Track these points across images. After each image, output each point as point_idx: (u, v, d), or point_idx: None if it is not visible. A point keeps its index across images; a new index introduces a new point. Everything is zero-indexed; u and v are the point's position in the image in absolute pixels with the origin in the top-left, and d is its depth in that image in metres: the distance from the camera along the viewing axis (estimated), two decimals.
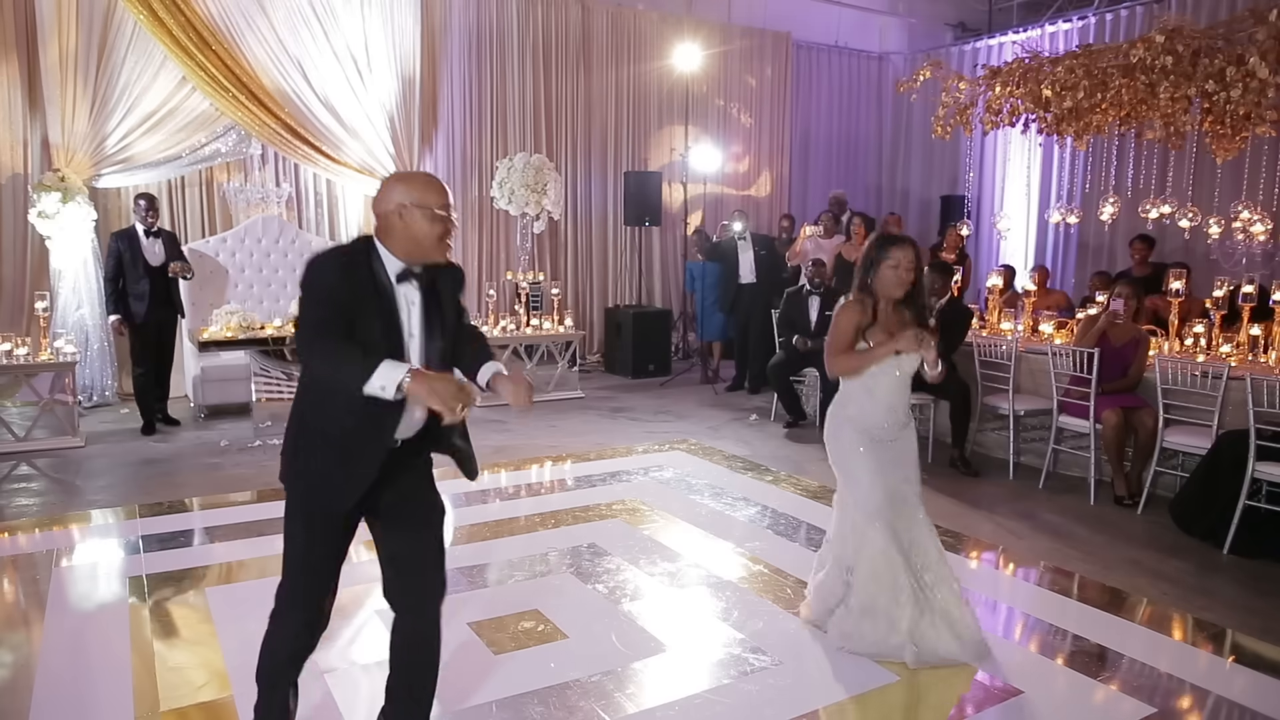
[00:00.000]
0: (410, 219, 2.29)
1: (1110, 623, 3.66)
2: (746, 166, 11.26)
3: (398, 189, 2.32)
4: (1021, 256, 10.81)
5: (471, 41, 9.26)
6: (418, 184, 2.34)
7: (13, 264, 7.44)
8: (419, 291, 2.36)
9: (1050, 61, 6.99)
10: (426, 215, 2.30)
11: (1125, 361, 5.39)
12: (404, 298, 2.33)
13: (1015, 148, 10.35)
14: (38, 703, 2.95)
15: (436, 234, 2.31)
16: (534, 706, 2.95)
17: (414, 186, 2.33)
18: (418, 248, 2.32)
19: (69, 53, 7.32)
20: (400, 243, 2.31)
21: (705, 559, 4.29)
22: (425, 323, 2.37)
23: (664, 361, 9.47)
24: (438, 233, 2.31)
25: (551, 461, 6.09)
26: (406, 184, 2.34)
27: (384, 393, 2.13)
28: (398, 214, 2.30)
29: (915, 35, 12.50)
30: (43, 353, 6.26)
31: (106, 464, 5.86)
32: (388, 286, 2.31)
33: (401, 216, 2.29)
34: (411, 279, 2.33)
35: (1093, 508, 5.22)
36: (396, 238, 2.31)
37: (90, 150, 7.49)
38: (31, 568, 4.14)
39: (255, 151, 8.29)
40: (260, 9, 7.83)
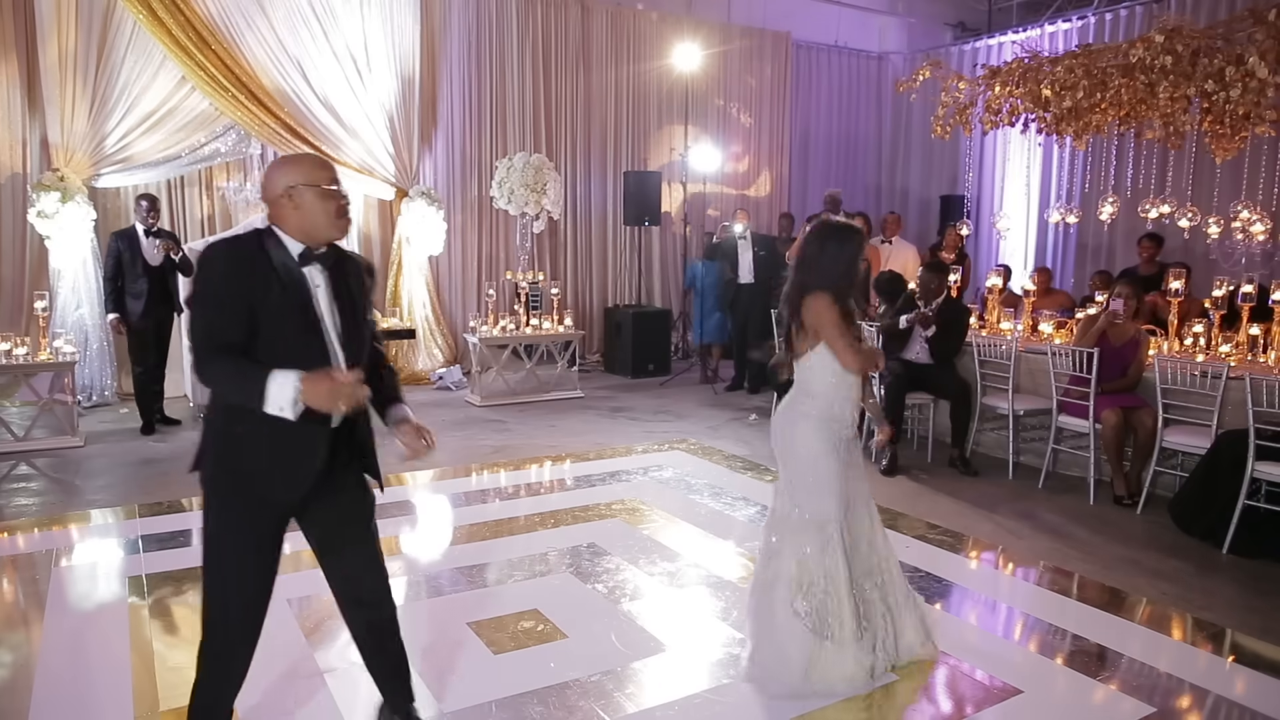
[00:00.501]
0: (301, 199, 2.24)
1: (1110, 622, 3.67)
2: (746, 166, 11.26)
3: (283, 171, 2.27)
4: (1021, 256, 10.81)
5: (471, 41, 9.26)
6: (303, 164, 2.30)
7: (12, 264, 7.44)
8: (324, 275, 2.30)
9: (1050, 61, 6.99)
10: (318, 193, 2.25)
11: (1125, 361, 5.39)
12: (310, 281, 2.27)
13: (1015, 147, 10.35)
14: (38, 702, 2.95)
15: (332, 210, 2.27)
16: (533, 706, 2.94)
17: (300, 166, 2.29)
18: (315, 228, 2.27)
19: (68, 52, 7.32)
20: (296, 225, 2.26)
21: (705, 559, 4.29)
22: (338, 307, 2.31)
23: (663, 361, 9.47)
24: (332, 209, 2.27)
25: (551, 461, 6.09)
26: (292, 165, 2.29)
27: (284, 413, 2.07)
28: (288, 196, 2.25)
29: (915, 35, 12.50)
30: (42, 352, 6.26)
31: (106, 464, 5.85)
32: (294, 269, 2.24)
33: (292, 198, 2.24)
34: (314, 261, 2.28)
35: (1092, 507, 5.22)
36: (291, 221, 2.26)
37: (89, 150, 7.48)
38: (31, 567, 4.14)
39: (255, 151, 8.30)
40: (260, 9, 7.82)
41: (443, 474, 5.74)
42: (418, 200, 8.62)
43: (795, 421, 3.11)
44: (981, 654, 3.37)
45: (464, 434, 6.81)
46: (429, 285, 9.03)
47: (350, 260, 2.42)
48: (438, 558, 4.38)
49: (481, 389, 7.95)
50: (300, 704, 2.93)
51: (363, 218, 9.01)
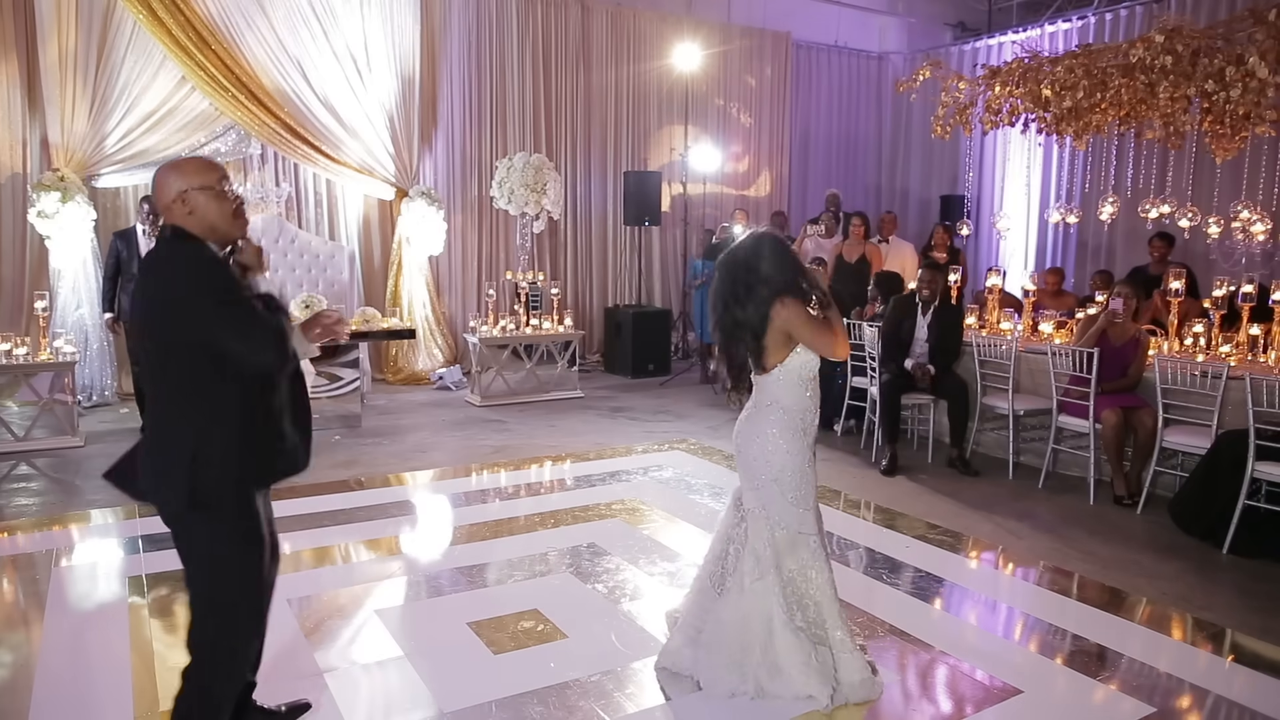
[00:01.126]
0: (195, 203, 2.22)
1: (1110, 622, 3.66)
2: (746, 166, 11.26)
3: (172, 178, 2.24)
4: (1021, 256, 10.82)
5: (471, 41, 9.26)
6: (191, 167, 2.27)
7: (12, 264, 7.44)
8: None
9: (1050, 61, 6.99)
10: (212, 194, 2.23)
11: (1125, 361, 5.39)
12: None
13: (1015, 147, 10.35)
14: (38, 702, 2.95)
15: (229, 211, 2.26)
16: (533, 706, 2.94)
17: (188, 170, 2.25)
18: (214, 230, 2.26)
19: (68, 52, 7.32)
20: (198, 229, 2.23)
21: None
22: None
23: (664, 361, 9.47)
24: (230, 209, 2.26)
25: (551, 461, 6.09)
26: (179, 171, 2.25)
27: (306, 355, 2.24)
28: (180, 202, 2.22)
29: (915, 35, 12.50)
30: (42, 352, 6.26)
31: (106, 463, 5.79)
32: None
33: (185, 203, 2.21)
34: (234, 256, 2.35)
35: (1092, 507, 5.22)
36: (192, 226, 2.23)
37: (90, 150, 7.49)
38: (31, 567, 4.14)
39: (255, 151, 8.30)
40: (260, 9, 7.82)
41: (442, 474, 5.74)
42: (418, 200, 8.62)
43: (770, 438, 2.96)
44: (981, 654, 3.37)
45: (464, 434, 6.81)
46: (429, 285, 9.03)
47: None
48: (437, 558, 4.37)
49: (481, 389, 7.95)
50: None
51: (362, 218, 9.01)
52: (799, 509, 2.97)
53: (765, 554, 2.96)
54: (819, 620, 2.96)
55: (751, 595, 2.96)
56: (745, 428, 3.07)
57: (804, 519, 2.97)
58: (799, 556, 2.96)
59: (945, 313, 6.13)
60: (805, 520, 2.97)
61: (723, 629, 3.00)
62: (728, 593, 3.03)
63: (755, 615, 2.94)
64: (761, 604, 2.94)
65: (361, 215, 8.99)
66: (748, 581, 2.97)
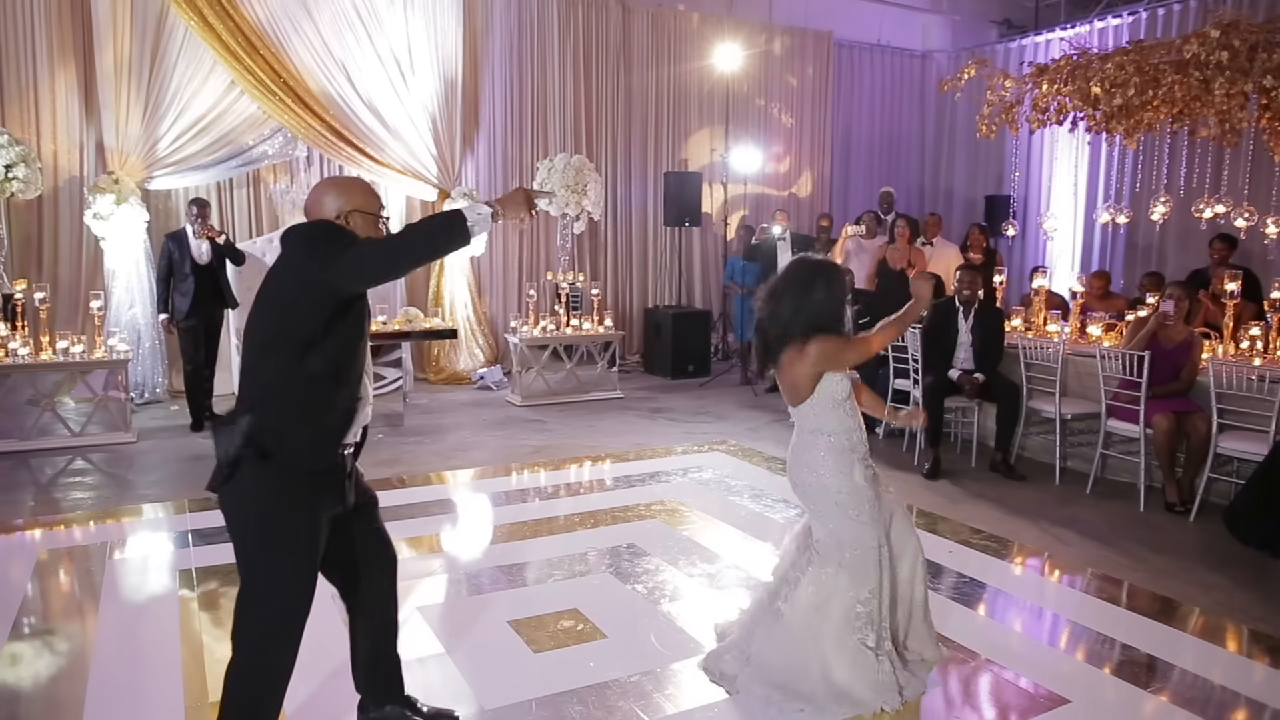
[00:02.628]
0: (355, 225, 2.29)
1: (1161, 632, 3.58)
2: (787, 166, 11.20)
3: (337, 195, 2.30)
4: (1068, 257, 10.61)
5: (513, 43, 9.32)
6: (358, 189, 2.33)
7: (70, 264, 7.65)
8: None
9: (1099, 58, 6.84)
10: (370, 221, 2.30)
11: (1177, 364, 5.26)
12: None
13: (1063, 146, 10.15)
14: (93, 690, 3.03)
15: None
16: (573, 705, 2.95)
17: (355, 192, 2.32)
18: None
19: (123, 58, 7.51)
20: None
21: (745, 561, 4.27)
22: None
23: (703, 362, 9.45)
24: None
25: (590, 461, 6.11)
26: (345, 190, 2.31)
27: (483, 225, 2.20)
28: (344, 221, 2.29)
29: (959, 33, 12.33)
30: (97, 350, 6.42)
31: (157, 459, 5.99)
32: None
33: (348, 222, 2.28)
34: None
35: (1142, 514, 5.10)
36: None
37: (143, 153, 7.67)
38: (86, 559, 4.25)
39: (301, 154, 8.44)
40: (306, 13, 7.96)
41: (483, 473, 5.79)
42: (460, 201, 8.70)
43: (816, 461, 2.94)
44: (1027, 662, 3.31)
45: (504, 433, 6.85)
46: (470, 286, 9.11)
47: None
48: (478, 556, 4.41)
49: (522, 389, 8.00)
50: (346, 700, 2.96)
51: (405, 219, 9.11)
52: (866, 525, 2.92)
53: (831, 582, 2.91)
54: (881, 635, 2.92)
55: (808, 623, 2.92)
56: (794, 459, 3.05)
57: (874, 533, 2.93)
58: (872, 576, 2.91)
59: (987, 314, 6.03)
60: (873, 534, 2.93)
61: (773, 652, 2.97)
62: (783, 617, 2.98)
63: (818, 640, 2.90)
64: (827, 629, 2.89)
65: (404, 216, 9.10)
66: (805, 605, 2.93)
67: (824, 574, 2.93)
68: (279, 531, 2.26)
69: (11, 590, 3.88)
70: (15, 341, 6.16)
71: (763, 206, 10.88)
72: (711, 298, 10.63)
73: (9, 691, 3.05)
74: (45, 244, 7.58)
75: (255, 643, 2.29)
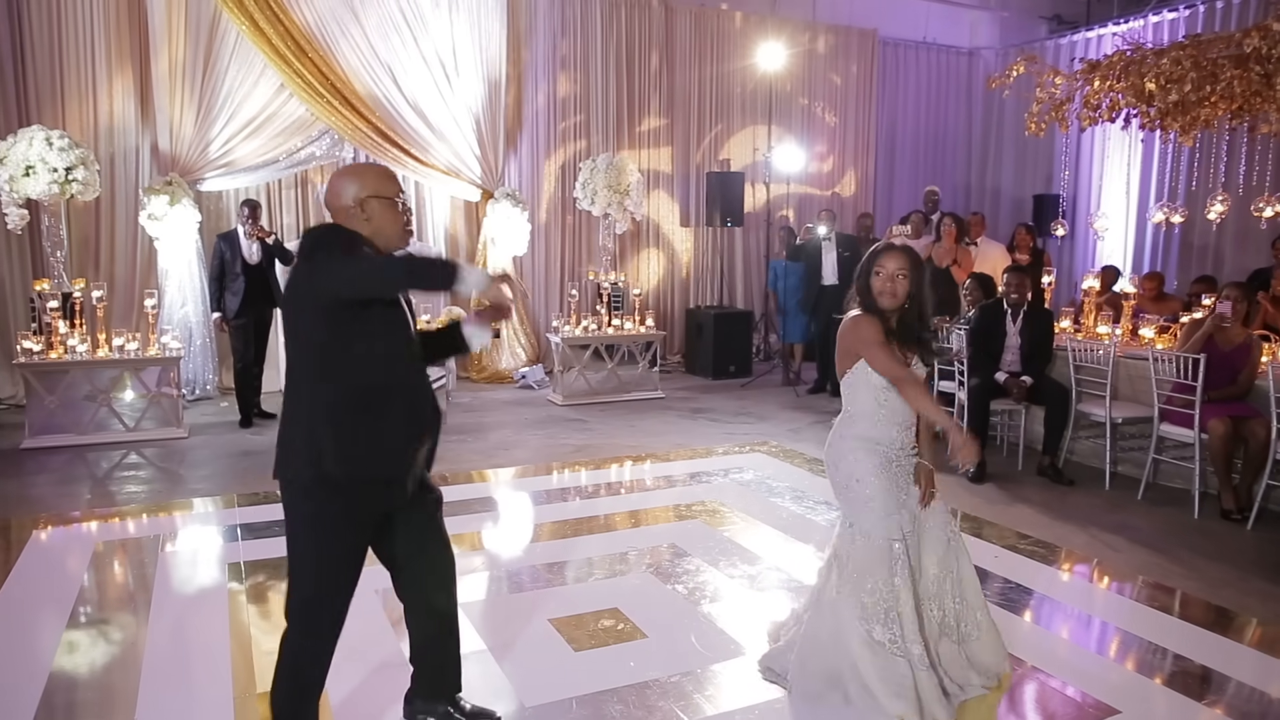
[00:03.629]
0: (373, 211, 2.28)
1: (1216, 643, 3.48)
2: (831, 166, 11.10)
3: (352, 182, 2.30)
4: (1120, 258, 10.37)
5: (556, 43, 9.37)
6: (373, 175, 2.32)
7: (125, 264, 7.87)
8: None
9: (1154, 53, 6.67)
10: (388, 205, 2.29)
11: (1234, 367, 5.11)
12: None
13: (1114, 144, 9.93)
14: (146, 680, 3.11)
15: (401, 223, 2.33)
16: (613, 705, 2.96)
17: (370, 177, 2.31)
18: (383, 239, 2.32)
19: (178, 63, 7.71)
20: (372, 235, 2.30)
21: (786, 562, 4.25)
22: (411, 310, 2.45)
23: (745, 363, 9.41)
24: (402, 222, 2.33)
25: (631, 461, 6.12)
26: (361, 176, 2.31)
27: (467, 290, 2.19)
28: (359, 207, 2.28)
29: (1008, 29, 12.12)
30: (151, 348, 6.58)
31: (208, 454, 6.13)
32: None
33: (364, 208, 2.28)
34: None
35: (1197, 521, 4.97)
36: (363, 231, 2.30)
37: (195, 155, 7.86)
38: (139, 551, 4.37)
39: (348, 155, 8.56)
40: (353, 17, 8.08)
41: (524, 472, 5.83)
42: (502, 202, 8.77)
43: (841, 445, 3.00)
44: (1075, 670, 3.24)
45: (545, 433, 6.89)
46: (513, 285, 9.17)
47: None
48: (519, 554, 4.44)
49: (563, 388, 8.03)
50: (391, 694, 3.00)
51: (449, 219, 9.21)
52: (875, 515, 2.90)
53: (848, 566, 2.92)
54: (902, 635, 2.88)
55: (833, 609, 2.93)
56: (831, 435, 3.10)
57: (881, 525, 2.90)
58: (880, 565, 2.88)
59: (1035, 316, 5.92)
60: (885, 526, 2.90)
61: (811, 641, 2.98)
62: (819, 606, 3.00)
63: (840, 630, 2.91)
64: (845, 618, 2.89)
65: (448, 216, 9.20)
66: (831, 595, 2.95)
67: (842, 560, 2.96)
68: (322, 526, 2.32)
69: (69, 581, 3.99)
70: (74, 339, 6.34)
71: (806, 206, 10.80)
72: (753, 298, 10.59)
73: (67, 678, 3.14)
74: (102, 244, 7.81)
75: (297, 621, 2.38)
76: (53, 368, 6.27)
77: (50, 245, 6.90)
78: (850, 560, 2.92)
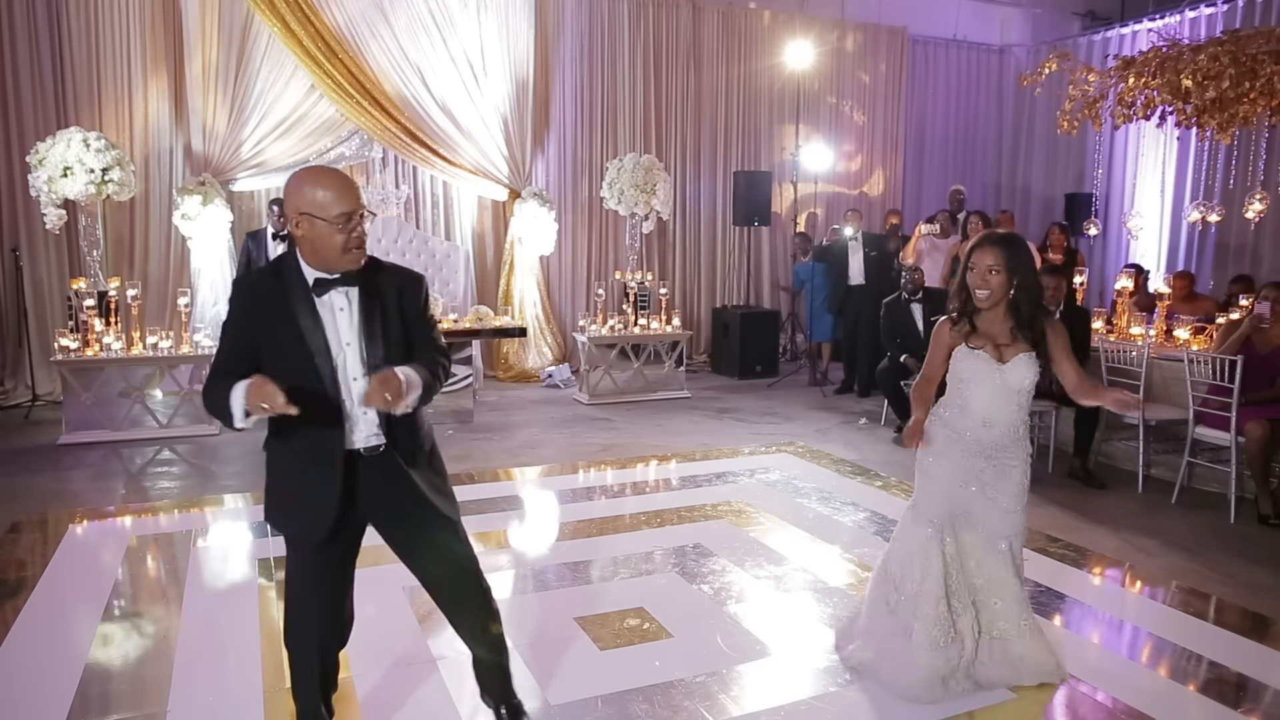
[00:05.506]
0: (310, 229, 2.15)
1: (1253, 650, 3.41)
2: (859, 165, 11.03)
3: (297, 195, 2.15)
4: (1154, 258, 10.21)
5: (583, 44, 9.39)
6: (318, 190, 2.14)
7: (159, 263, 7.99)
8: (353, 297, 2.24)
9: (1191, 49, 6.56)
10: (326, 226, 2.13)
11: (1273, 370, 5.01)
12: (330, 307, 2.22)
13: (1149, 142, 9.77)
14: (178, 672, 3.15)
15: (339, 245, 2.15)
16: (638, 704, 2.96)
17: (313, 193, 2.13)
18: (323, 259, 2.18)
19: (211, 65, 7.82)
20: (308, 252, 2.20)
21: (811, 563, 4.22)
22: (365, 329, 2.24)
23: (771, 363, 9.38)
24: (340, 243, 2.15)
25: (657, 461, 6.11)
26: (307, 188, 2.14)
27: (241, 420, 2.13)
28: (296, 224, 2.16)
29: (1040, 26, 11.96)
30: (183, 346, 6.68)
31: (238, 451, 6.21)
32: (305, 300, 2.20)
33: (299, 226, 2.15)
34: (334, 286, 2.21)
35: (1233, 526, 4.88)
36: (304, 247, 2.20)
37: (227, 155, 7.96)
38: (171, 546, 4.43)
39: (376, 155, 8.64)
40: (383, 18, 8.15)
41: (550, 470, 5.84)
42: (530, 201, 8.80)
43: (931, 421, 3.06)
44: (1105, 675, 3.19)
45: (571, 432, 6.91)
46: (540, 285, 9.21)
47: (386, 274, 2.33)
48: (545, 553, 4.45)
49: (589, 387, 8.05)
50: (414, 690, 3.03)
51: (476, 219, 9.26)
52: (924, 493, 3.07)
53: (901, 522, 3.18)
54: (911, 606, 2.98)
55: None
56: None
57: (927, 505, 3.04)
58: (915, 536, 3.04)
59: (1071, 317, 5.83)
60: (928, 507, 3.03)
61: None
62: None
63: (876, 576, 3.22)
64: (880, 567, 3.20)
65: (475, 216, 9.24)
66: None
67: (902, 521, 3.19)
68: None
69: (104, 575, 4.06)
70: (109, 336, 6.45)
71: (834, 205, 10.74)
72: (780, 298, 10.54)
73: (101, 670, 3.20)
74: (137, 243, 7.93)
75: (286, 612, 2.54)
76: (89, 365, 6.38)
77: (87, 245, 7.02)
78: (903, 521, 3.12)
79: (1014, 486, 2.97)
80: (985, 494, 2.97)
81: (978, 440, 2.97)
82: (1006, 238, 2.92)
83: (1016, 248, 2.87)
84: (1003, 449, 2.96)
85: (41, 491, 5.25)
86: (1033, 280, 2.88)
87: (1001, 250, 2.84)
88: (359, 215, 2.19)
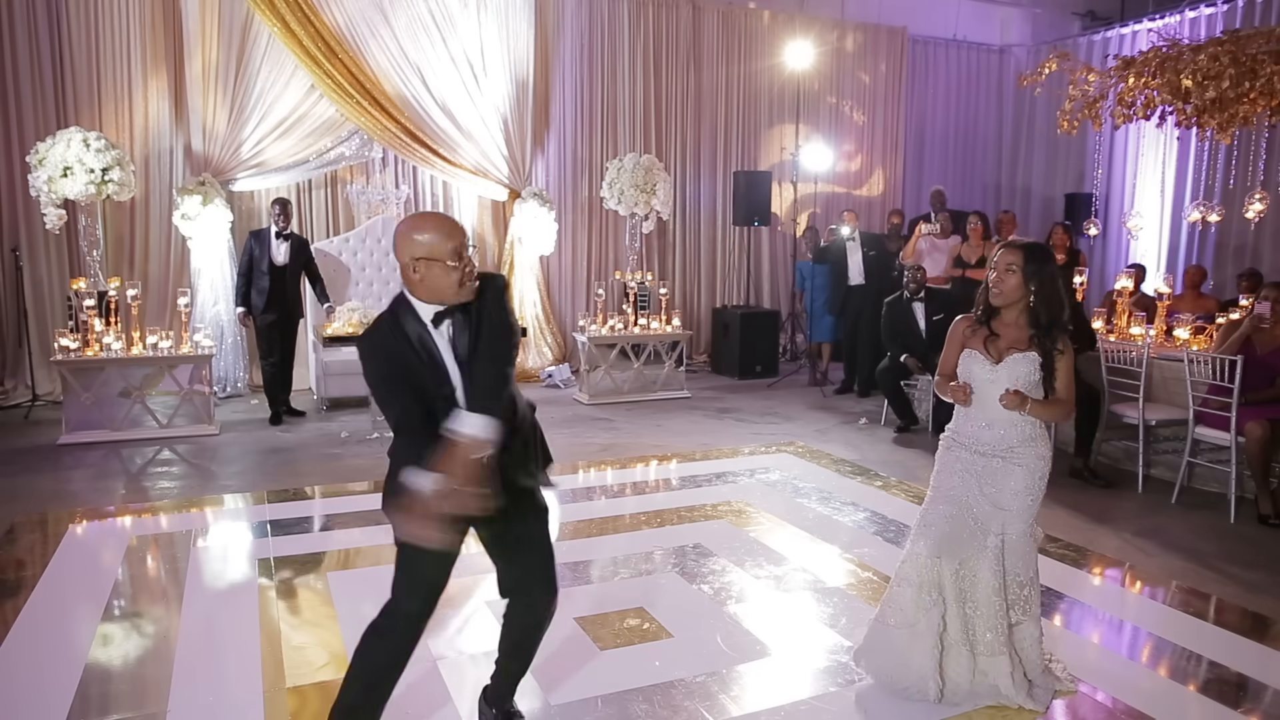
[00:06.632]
0: (427, 271, 2.31)
1: (1253, 650, 3.41)
2: (859, 165, 11.03)
3: (408, 243, 2.32)
4: (1154, 257, 10.21)
5: (583, 43, 9.38)
6: (427, 235, 2.32)
7: (159, 263, 7.99)
8: (455, 323, 2.37)
9: (1191, 49, 6.56)
10: (442, 268, 2.31)
11: (1273, 370, 5.01)
12: (444, 336, 2.37)
13: (1149, 142, 9.77)
14: (178, 672, 3.15)
15: (454, 282, 2.33)
16: (638, 704, 2.96)
17: (423, 239, 2.31)
18: (440, 296, 2.34)
19: (211, 66, 7.81)
20: (423, 293, 2.35)
21: (811, 563, 4.22)
22: (471, 348, 2.38)
23: (771, 362, 9.38)
24: (455, 280, 2.33)
25: (657, 461, 6.11)
26: (416, 235, 2.32)
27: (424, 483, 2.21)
28: (412, 269, 2.32)
29: (1040, 26, 11.96)
30: (183, 346, 6.67)
31: (238, 451, 6.21)
32: (426, 337, 2.36)
33: (416, 271, 2.32)
34: (448, 316, 2.37)
35: (1233, 526, 4.88)
36: (418, 288, 2.34)
37: (227, 156, 7.96)
38: (171, 546, 4.43)
39: (376, 155, 8.63)
40: (383, 18, 8.14)
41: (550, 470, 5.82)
42: (530, 201, 8.80)
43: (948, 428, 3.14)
44: (1105, 675, 3.19)
45: (571, 432, 6.91)
46: (540, 285, 9.21)
47: (488, 284, 2.45)
48: None
49: (589, 387, 8.05)
50: (412, 689, 3.02)
51: (476, 219, 9.26)
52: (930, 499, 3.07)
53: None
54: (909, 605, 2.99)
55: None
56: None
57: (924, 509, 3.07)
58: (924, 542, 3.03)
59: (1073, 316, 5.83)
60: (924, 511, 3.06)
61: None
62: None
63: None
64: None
65: (476, 216, 9.23)
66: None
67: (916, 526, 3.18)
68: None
69: (104, 574, 4.06)
70: (109, 336, 6.45)
71: (833, 205, 10.73)
72: (780, 298, 10.54)
73: (101, 670, 3.20)
74: (137, 243, 7.93)
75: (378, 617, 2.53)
76: (89, 365, 6.38)
77: (87, 245, 7.02)
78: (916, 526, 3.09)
79: (1015, 484, 2.94)
80: (983, 490, 2.96)
81: (979, 440, 2.99)
82: (1030, 244, 2.98)
83: (1036, 256, 2.92)
84: (1009, 448, 2.96)
85: (41, 491, 5.25)
86: (1052, 292, 2.91)
87: (1020, 253, 2.90)
88: (465, 248, 2.36)
